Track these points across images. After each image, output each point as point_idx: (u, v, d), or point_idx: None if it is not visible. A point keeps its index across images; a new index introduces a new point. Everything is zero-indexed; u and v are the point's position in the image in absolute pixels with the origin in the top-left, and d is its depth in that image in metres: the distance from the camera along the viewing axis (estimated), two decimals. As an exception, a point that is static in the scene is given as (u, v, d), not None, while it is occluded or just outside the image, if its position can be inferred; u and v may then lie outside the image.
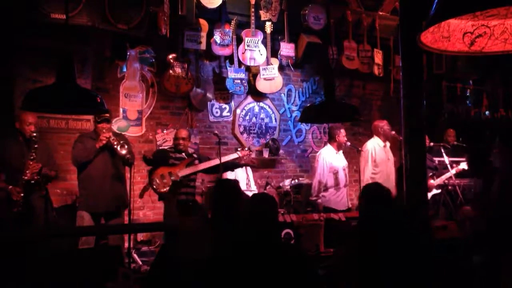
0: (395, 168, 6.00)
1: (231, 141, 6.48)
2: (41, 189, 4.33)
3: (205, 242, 2.59)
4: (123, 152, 4.54)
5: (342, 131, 5.68)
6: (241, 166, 5.53)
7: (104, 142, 4.52)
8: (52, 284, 2.41)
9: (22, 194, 4.22)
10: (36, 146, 4.32)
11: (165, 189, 4.88)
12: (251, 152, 5.51)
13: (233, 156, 5.30)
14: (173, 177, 4.87)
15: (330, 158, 5.58)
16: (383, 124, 5.98)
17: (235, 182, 3.02)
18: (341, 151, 5.77)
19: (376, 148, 5.85)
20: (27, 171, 4.27)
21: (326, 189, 5.55)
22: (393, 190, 6.00)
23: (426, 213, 3.59)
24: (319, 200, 5.52)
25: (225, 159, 5.16)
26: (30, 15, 4.81)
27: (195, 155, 5.20)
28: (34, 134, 4.33)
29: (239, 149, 5.38)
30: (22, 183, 4.24)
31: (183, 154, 5.09)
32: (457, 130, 7.14)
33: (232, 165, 5.41)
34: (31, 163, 4.29)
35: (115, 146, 4.54)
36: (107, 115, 4.65)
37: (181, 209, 4.96)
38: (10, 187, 4.23)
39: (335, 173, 5.55)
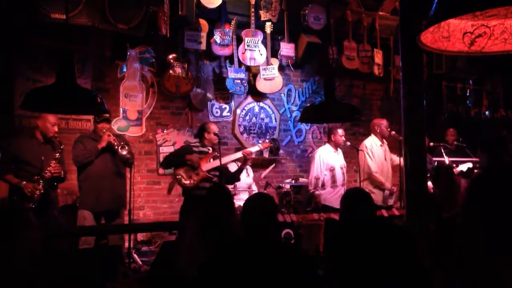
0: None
1: (231, 141, 6.48)
2: (45, 188, 4.37)
3: (205, 243, 2.60)
4: (124, 152, 4.61)
5: (339, 131, 5.70)
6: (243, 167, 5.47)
7: (105, 143, 4.56)
8: (52, 283, 2.41)
9: (41, 191, 4.28)
10: (62, 147, 4.47)
11: (189, 182, 4.79)
12: (271, 144, 5.48)
13: (255, 148, 5.28)
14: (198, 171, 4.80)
15: (326, 156, 5.65)
16: (381, 123, 5.93)
17: (227, 189, 3.03)
18: (340, 151, 5.80)
19: (373, 146, 5.84)
20: (49, 169, 4.34)
21: (323, 187, 5.59)
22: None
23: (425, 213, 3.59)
24: (317, 192, 5.57)
25: (249, 150, 5.15)
26: (30, 15, 4.81)
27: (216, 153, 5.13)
28: (57, 135, 4.44)
29: (260, 141, 5.38)
30: (41, 181, 4.30)
31: (208, 148, 4.98)
32: (457, 130, 7.14)
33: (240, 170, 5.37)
34: (54, 162, 4.36)
35: (116, 147, 4.60)
36: (107, 115, 4.68)
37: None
38: (24, 182, 4.28)
39: (332, 170, 5.62)
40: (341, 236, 2.64)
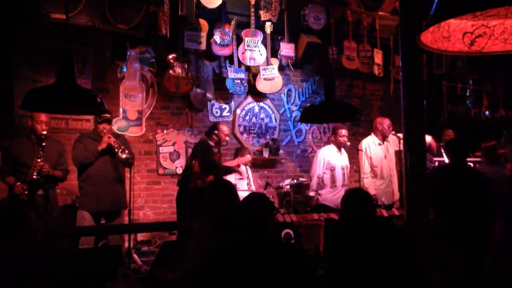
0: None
1: (231, 141, 6.47)
2: (43, 188, 4.35)
3: (206, 242, 2.60)
4: (124, 156, 4.60)
5: (342, 131, 5.68)
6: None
7: (105, 145, 4.56)
8: (52, 284, 2.41)
9: (26, 192, 4.24)
10: (44, 144, 4.34)
11: (201, 182, 4.99)
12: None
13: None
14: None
15: (329, 156, 5.64)
16: (384, 122, 5.89)
17: (231, 183, 3.03)
18: (344, 152, 5.80)
19: (370, 145, 5.80)
20: (34, 169, 4.30)
21: (322, 186, 5.59)
22: (395, 188, 5.98)
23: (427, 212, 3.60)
24: (317, 197, 5.57)
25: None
26: (30, 15, 4.81)
27: None
28: (44, 133, 4.36)
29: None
30: (28, 181, 4.28)
31: (216, 148, 5.22)
32: (457, 130, 7.13)
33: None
34: (38, 161, 4.31)
35: (116, 150, 4.60)
36: (108, 115, 4.67)
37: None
38: (18, 183, 4.27)
39: (332, 170, 5.60)
40: (341, 236, 2.64)
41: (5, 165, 4.41)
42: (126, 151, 4.62)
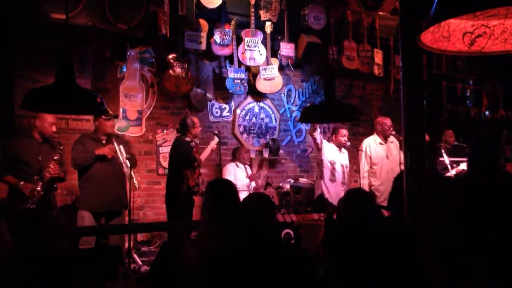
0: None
1: (231, 141, 6.48)
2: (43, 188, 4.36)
3: (206, 242, 2.60)
4: (128, 167, 4.60)
5: (343, 131, 5.69)
6: None
7: (109, 156, 4.59)
8: (52, 283, 2.41)
9: (39, 193, 4.24)
10: (61, 148, 4.41)
11: (192, 179, 5.05)
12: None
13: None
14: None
15: (329, 151, 5.66)
16: (384, 122, 5.86)
17: (231, 182, 3.02)
18: (345, 152, 5.80)
19: (371, 145, 5.80)
20: (48, 170, 4.30)
21: (322, 177, 5.61)
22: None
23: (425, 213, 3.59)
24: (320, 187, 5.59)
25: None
26: (30, 15, 4.81)
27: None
28: (55, 136, 4.41)
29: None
30: (40, 181, 4.27)
31: (193, 142, 5.19)
32: (457, 130, 7.13)
33: None
34: (53, 163, 4.33)
35: (121, 160, 4.63)
36: (112, 113, 4.69)
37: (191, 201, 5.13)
38: (22, 183, 4.24)
39: (332, 164, 5.62)
40: (341, 236, 2.64)
41: (3, 165, 4.40)
42: (127, 161, 4.61)
